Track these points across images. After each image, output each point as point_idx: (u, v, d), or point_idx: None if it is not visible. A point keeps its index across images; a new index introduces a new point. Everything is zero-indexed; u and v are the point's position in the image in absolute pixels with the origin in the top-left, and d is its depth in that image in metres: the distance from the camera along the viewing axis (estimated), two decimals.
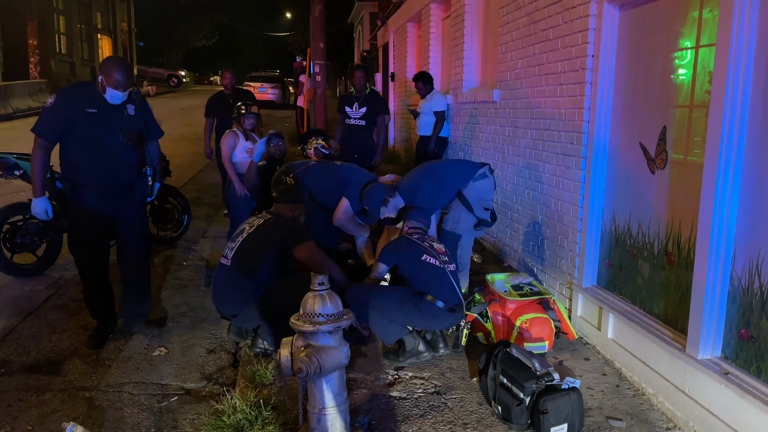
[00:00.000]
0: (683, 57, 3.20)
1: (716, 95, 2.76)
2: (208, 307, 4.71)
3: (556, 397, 2.86)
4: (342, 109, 7.00)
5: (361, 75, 6.97)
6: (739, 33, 2.65)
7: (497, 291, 3.96)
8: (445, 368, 3.62)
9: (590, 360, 3.75)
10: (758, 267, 2.65)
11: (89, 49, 28.78)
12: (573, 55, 4.08)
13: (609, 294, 3.83)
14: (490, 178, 4.33)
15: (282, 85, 25.05)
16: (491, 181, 4.34)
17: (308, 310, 2.73)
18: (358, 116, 6.90)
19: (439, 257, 3.69)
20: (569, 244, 4.21)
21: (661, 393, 3.18)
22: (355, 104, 6.90)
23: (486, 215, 4.31)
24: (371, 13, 18.60)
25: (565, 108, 4.22)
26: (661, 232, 3.36)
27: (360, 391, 3.34)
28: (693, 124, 3.11)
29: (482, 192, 4.29)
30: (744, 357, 2.75)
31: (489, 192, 4.35)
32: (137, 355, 3.91)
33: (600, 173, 3.92)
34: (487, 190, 4.32)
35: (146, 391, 3.48)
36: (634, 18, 3.62)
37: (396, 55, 12.76)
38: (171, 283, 5.24)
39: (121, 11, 33.64)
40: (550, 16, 4.45)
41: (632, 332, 3.46)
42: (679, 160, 3.23)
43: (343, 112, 6.98)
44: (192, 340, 4.16)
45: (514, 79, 5.23)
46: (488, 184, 4.32)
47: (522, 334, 3.72)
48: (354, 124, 6.93)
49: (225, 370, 3.80)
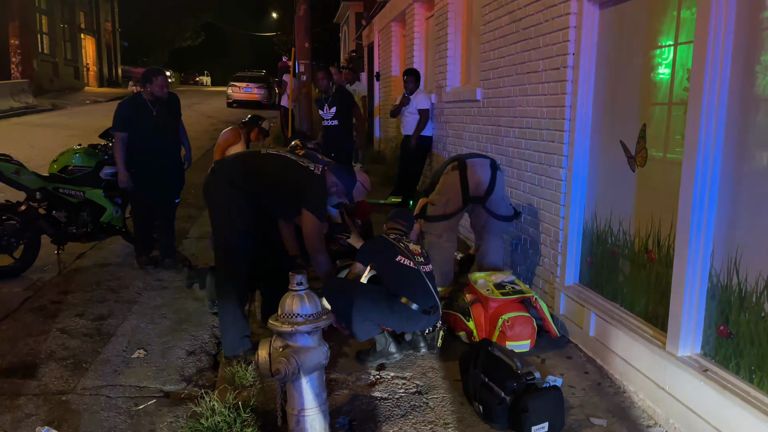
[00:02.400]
0: (662, 54, 3.20)
1: (694, 92, 2.77)
2: (188, 309, 4.67)
3: (537, 396, 2.85)
4: (318, 112, 7.15)
5: (323, 76, 7.04)
6: (717, 30, 2.66)
7: (479, 290, 3.94)
8: (427, 368, 3.60)
9: (572, 358, 3.74)
10: (736, 264, 2.65)
11: (72, 48, 28.51)
12: (554, 54, 4.08)
13: (591, 292, 3.83)
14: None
15: (268, 85, 24.93)
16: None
17: (286, 311, 2.70)
18: (330, 116, 6.96)
19: (414, 258, 3.67)
20: (551, 242, 4.21)
21: (642, 390, 3.18)
22: (325, 105, 6.97)
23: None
24: (357, 13, 18.56)
25: (547, 106, 4.22)
26: (641, 230, 3.37)
27: (341, 392, 3.31)
28: (672, 122, 3.12)
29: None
30: (723, 354, 2.75)
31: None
32: (115, 357, 3.85)
33: (581, 171, 3.92)
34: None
35: (124, 394, 3.42)
36: (614, 16, 3.62)
37: (381, 55, 12.74)
38: (151, 284, 5.18)
39: (105, 11, 33.37)
40: (531, 15, 4.44)
41: (614, 330, 3.46)
42: (659, 157, 3.24)
43: (320, 115, 7.10)
44: (172, 341, 4.11)
45: (496, 77, 5.22)
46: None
47: (504, 333, 3.71)
48: (329, 125, 7.00)
49: (205, 371, 3.75)
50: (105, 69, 33.28)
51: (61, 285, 5.08)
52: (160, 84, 5.24)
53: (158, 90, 5.25)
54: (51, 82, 25.02)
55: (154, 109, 5.28)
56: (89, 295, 4.84)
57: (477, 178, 4.35)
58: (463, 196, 4.34)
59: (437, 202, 4.38)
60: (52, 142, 11.00)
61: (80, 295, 4.86)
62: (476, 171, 4.38)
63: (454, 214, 4.38)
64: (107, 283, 5.13)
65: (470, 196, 4.35)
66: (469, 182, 4.32)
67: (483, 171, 4.38)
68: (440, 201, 4.37)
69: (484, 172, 4.38)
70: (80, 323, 4.32)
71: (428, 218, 4.39)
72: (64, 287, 5.02)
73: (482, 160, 4.49)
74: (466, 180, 4.32)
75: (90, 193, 5.41)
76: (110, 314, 4.50)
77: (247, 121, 5.91)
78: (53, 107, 19.48)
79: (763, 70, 2.52)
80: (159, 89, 5.24)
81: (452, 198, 4.35)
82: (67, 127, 14.19)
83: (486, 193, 4.37)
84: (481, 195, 4.37)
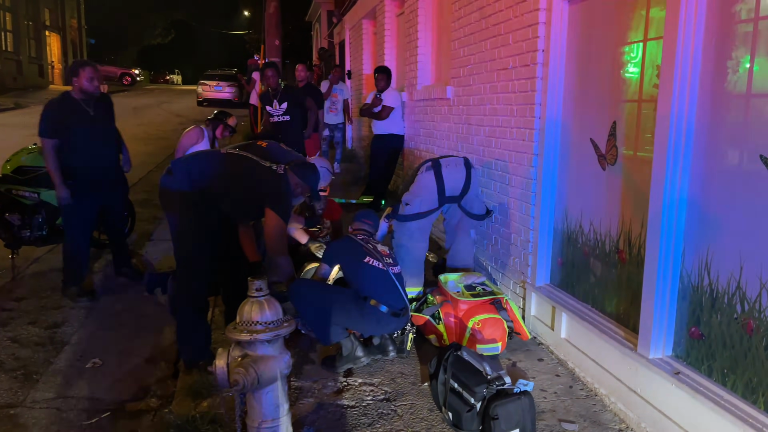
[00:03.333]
0: (632, 51, 3.14)
1: (664, 89, 2.70)
2: (149, 315, 4.50)
3: (507, 402, 2.76)
4: (264, 109, 6.97)
5: (273, 74, 6.93)
6: (687, 25, 2.60)
7: (449, 291, 3.85)
8: (396, 373, 3.50)
9: (544, 360, 3.67)
10: (707, 264, 2.59)
11: (37, 46, 27.77)
12: (524, 50, 4.01)
13: (562, 293, 3.77)
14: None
15: (238, 83, 24.59)
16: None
17: (245, 318, 2.56)
18: (280, 113, 6.83)
19: (383, 259, 3.56)
20: (522, 242, 4.14)
21: (614, 393, 3.11)
22: (275, 101, 6.83)
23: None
24: (328, 11, 18.38)
25: (517, 104, 4.14)
26: (612, 229, 3.30)
27: (306, 401, 3.18)
28: (642, 119, 3.06)
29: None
30: (695, 356, 2.69)
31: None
32: (68, 367, 3.67)
33: (552, 170, 3.85)
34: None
35: (76, 407, 3.25)
36: (584, 11, 3.56)
37: (352, 53, 12.60)
38: (111, 288, 4.98)
39: (71, 8, 32.59)
40: (500, 11, 4.36)
41: (585, 332, 3.39)
42: (630, 155, 3.17)
43: (267, 111, 6.92)
44: (130, 349, 3.94)
45: (467, 75, 5.14)
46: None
47: (474, 336, 3.63)
48: (279, 121, 6.87)
49: (164, 380, 3.59)
50: None
51: (14, 291, 4.85)
52: (88, 77, 4.46)
53: (87, 84, 4.46)
54: (14, 80, 24.35)
55: (90, 109, 4.57)
56: (44, 302, 4.63)
57: (452, 177, 4.28)
58: (439, 196, 4.25)
59: (411, 202, 4.29)
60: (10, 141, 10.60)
61: (34, 301, 4.64)
62: (451, 170, 4.30)
63: (429, 214, 4.29)
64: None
65: (447, 196, 4.27)
66: (445, 182, 4.24)
67: (458, 170, 4.31)
68: (414, 201, 4.28)
69: (458, 171, 4.31)
70: (33, 331, 4.12)
71: (401, 218, 4.29)
72: (18, 293, 4.80)
73: (456, 159, 4.42)
74: (442, 180, 4.24)
75: (45, 195, 5.17)
76: (65, 321, 4.30)
77: (212, 118, 5.67)
78: (16, 106, 18.93)
79: (734, 66, 2.46)
80: (88, 83, 4.47)
81: (426, 198, 4.26)
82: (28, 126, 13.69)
83: (462, 192, 4.30)
84: (457, 195, 4.30)
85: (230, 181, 3.45)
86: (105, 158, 4.77)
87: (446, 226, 4.65)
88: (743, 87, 2.43)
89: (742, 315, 2.43)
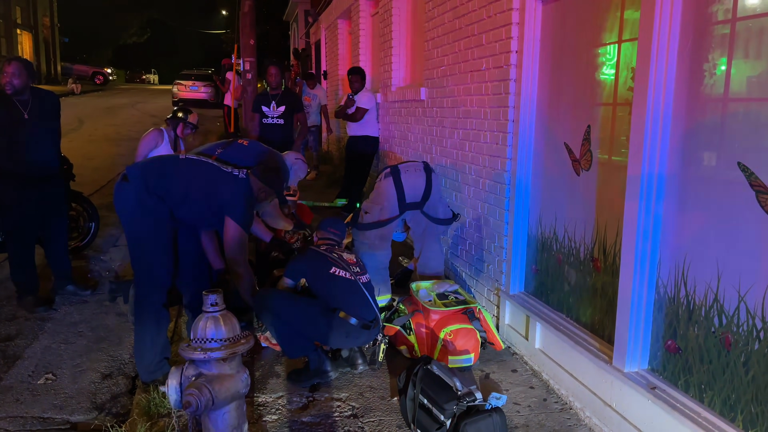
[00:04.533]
0: (606, 52, 3.04)
1: (639, 93, 2.60)
2: (109, 325, 4.30)
3: (478, 420, 2.63)
4: (258, 108, 6.72)
5: (276, 72, 6.70)
6: (662, 26, 2.49)
7: (421, 300, 3.72)
8: (364, 387, 3.35)
9: (518, 371, 3.56)
10: (684, 274, 2.49)
11: (8, 45, 27.18)
12: (497, 51, 3.89)
13: (536, 301, 3.66)
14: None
15: (214, 83, 24.27)
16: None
17: (199, 335, 2.40)
18: (276, 115, 6.63)
19: (350, 269, 3.42)
20: (496, 248, 4.02)
21: (589, 407, 3.01)
22: (272, 103, 6.64)
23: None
24: (305, 11, 18.18)
25: (490, 106, 4.03)
26: (587, 236, 3.20)
27: (269, 417, 3.03)
28: (617, 123, 2.96)
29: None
30: (671, 370, 2.59)
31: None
32: (19, 384, 3.46)
33: (525, 175, 3.74)
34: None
35: (24, 427, 3.05)
36: (557, 11, 3.45)
37: (328, 53, 12.45)
38: (70, 298, 4.74)
39: (43, 5, 31.97)
40: (474, 11, 4.25)
41: (559, 342, 3.28)
42: (604, 160, 3.07)
43: (260, 111, 6.69)
44: (86, 363, 3.74)
45: (440, 76, 5.02)
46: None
47: (446, 347, 3.50)
48: (273, 123, 6.65)
49: (121, 397, 3.41)
50: (43, 66, 31.84)
51: None
52: (8, 74, 4.17)
53: (6, 83, 4.17)
54: None
55: (25, 111, 4.26)
56: None
57: (412, 183, 4.17)
58: (400, 203, 4.12)
59: (370, 210, 4.15)
60: None
61: None
62: (410, 176, 4.19)
63: (389, 222, 4.15)
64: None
65: (407, 203, 4.14)
66: (405, 188, 4.12)
67: (417, 175, 4.20)
68: (374, 209, 4.15)
69: (418, 176, 4.19)
70: None
71: (361, 226, 4.15)
72: None
73: (415, 164, 4.32)
74: (401, 186, 4.11)
75: None
76: (19, 334, 4.08)
77: (171, 117, 5.33)
78: None
79: (711, 68, 2.36)
80: (6, 81, 4.17)
81: (386, 206, 4.12)
82: None
83: (423, 197, 4.18)
84: (419, 201, 4.18)
85: (187, 188, 3.28)
86: (41, 162, 4.41)
87: (412, 235, 4.53)
88: (720, 90, 2.34)
89: (719, 329, 2.33)
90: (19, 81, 4.22)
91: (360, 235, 4.18)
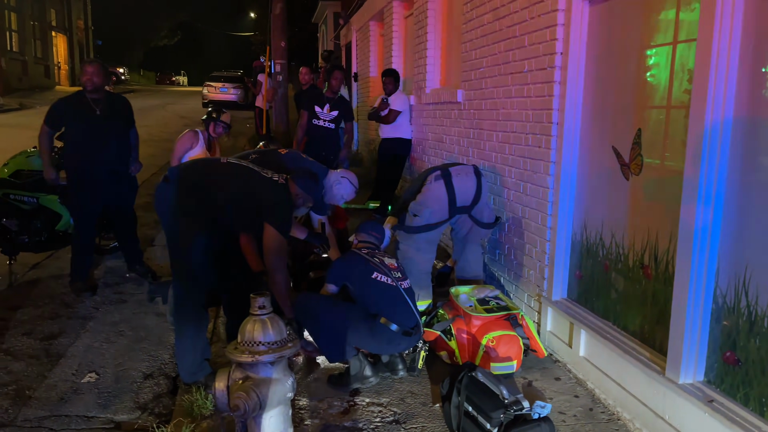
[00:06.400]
0: (659, 54, 2.96)
1: (697, 95, 2.52)
2: (149, 325, 4.33)
3: (527, 429, 2.58)
4: (310, 107, 6.73)
5: (341, 77, 6.80)
6: (723, 27, 2.42)
7: (461, 306, 3.67)
8: (405, 393, 3.32)
9: (561, 380, 3.49)
10: (745, 284, 2.41)
11: (43, 47, 27.70)
12: (540, 53, 3.83)
13: (580, 308, 3.58)
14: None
15: (244, 85, 24.49)
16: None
17: (247, 338, 2.40)
18: (329, 118, 6.66)
19: (392, 274, 3.38)
20: (537, 253, 3.95)
21: (639, 419, 2.92)
22: (327, 105, 6.67)
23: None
24: (335, 13, 18.24)
25: (533, 109, 3.96)
26: (636, 243, 3.12)
27: (311, 421, 3.01)
28: (670, 127, 2.87)
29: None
30: (730, 383, 2.50)
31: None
32: (63, 382, 3.50)
33: (570, 179, 3.67)
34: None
35: (69, 426, 3.08)
36: (606, 12, 3.38)
37: (359, 55, 12.44)
38: (110, 297, 4.81)
39: (77, 8, 32.58)
40: (516, 12, 4.18)
41: (606, 351, 3.20)
42: (656, 165, 2.99)
43: (311, 110, 6.70)
44: (128, 363, 3.76)
45: (478, 78, 4.96)
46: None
47: (488, 354, 3.44)
48: (323, 126, 6.70)
49: (163, 397, 3.42)
50: (77, 68, 32.46)
51: (10, 299, 4.68)
52: (88, 73, 4.65)
53: (87, 81, 4.64)
54: (20, 80, 24.25)
55: (97, 108, 4.68)
56: (40, 311, 4.47)
57: (463, 186, 4.12)
58: (450, 207, 4.08)
59: (420, 213, 4.11)
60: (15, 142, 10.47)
61: (30, 310, 4.47)
62: (461, 179, 4.14)
63: (438, 226, 4.11)
64: (61, 297, 4.75)
65: (458, 206, 4.10)
66: (456, 192, 4.07)
67: (468, 179, 4.15)
68: (424, 212, 4.10)
69: (469, 180, 4.15)
70: (27, 343, 3.95)
71: (410, 229, 4.11)
72: (14, 302, 4.62)
73: (465, 167, 4.26)
74: (453, 190, 4.06)
75: (44, 200, 5.02)
76: (62, 332, 4.13)
77: (205, 118, 5.43)
78: (21, 107, 18.81)
79: None
80: (87, 79, 4.64)
81: (436, 209, 4.08)
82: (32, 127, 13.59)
83: (473, 201, 4.13)
84: (468, 204, 4.13)
85: (227, 192, 3.28)
86: (106, 157, 4.77)
87: (454, 237, 4.48)
88: None
89: None
90: (98, 80, 4.69)
91: (407, 238, 4.15)
